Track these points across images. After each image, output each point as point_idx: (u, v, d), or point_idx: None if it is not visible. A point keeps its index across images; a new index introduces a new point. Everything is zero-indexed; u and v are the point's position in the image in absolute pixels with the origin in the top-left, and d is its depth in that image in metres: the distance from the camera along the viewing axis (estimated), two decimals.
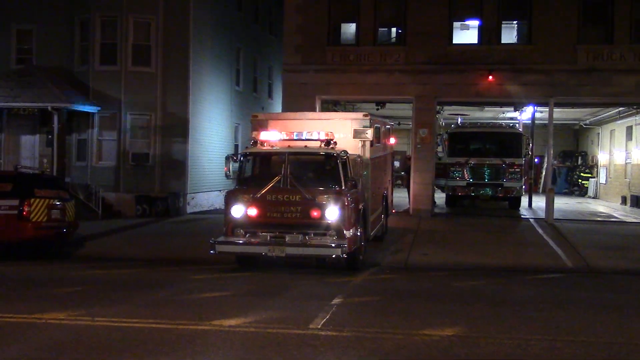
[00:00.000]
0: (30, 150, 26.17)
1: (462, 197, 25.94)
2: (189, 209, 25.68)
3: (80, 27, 25.45)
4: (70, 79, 25.29)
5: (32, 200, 15.67)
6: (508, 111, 30.14)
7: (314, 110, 23.70)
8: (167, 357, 7.54)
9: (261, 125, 15.10)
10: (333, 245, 13.00)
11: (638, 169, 27.66)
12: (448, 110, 29.32)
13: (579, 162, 36.88)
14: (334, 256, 13.12)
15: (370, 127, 15.14)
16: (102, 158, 25.28)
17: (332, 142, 14.01)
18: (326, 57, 24.07)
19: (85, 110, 24.63)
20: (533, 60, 22.76)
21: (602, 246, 17.87)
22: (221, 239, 13.72)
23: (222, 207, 27.59)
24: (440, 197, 27.37)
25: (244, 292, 11.79)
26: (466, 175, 24.67)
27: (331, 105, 26.72)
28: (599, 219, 24.39)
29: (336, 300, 10.73)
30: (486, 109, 29.38)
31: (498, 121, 29.86)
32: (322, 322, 9.15)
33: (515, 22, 24.13)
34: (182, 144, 25.28)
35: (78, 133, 25.52)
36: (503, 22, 23.54)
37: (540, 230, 20.76)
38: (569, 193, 36.30)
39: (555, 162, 37.64)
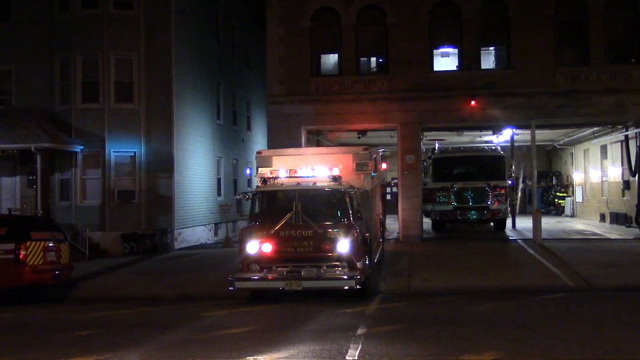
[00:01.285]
0: (10, 192, 25.69)
1: (449, 221, 26.18)
2: (177, 245, 25.39)
3: (61, 66, 25.25)
4: (51, 118, 25.03)
5: (28, 243, 15.35)
6: (485, 135, 30.68)
7: (299, 141, 23.87)
8: None
9: (265, 161, 15.74)
10: (346, 277, 13.50)
11: (615, 186, 28.34)
12: (426, 136, 29.71)
13: (554, 182, 37.60)
14: (346, 288, 13.52)
15: (370, 160, 15.87)
16: (87, 197, 24.93)
17: (338, 177, 14.55)
18: (310, 88, 24.27)
19: (69, 149, 24.29)
20: (513, 84, 23.29)
21: (596, 264, 18.18)
22: (238, 275, 13.93)
23: (209, 242, 27.92)
24: (425, 222, 27.54)
25: (265, 326, 11.71)
26: (452, 199, 24.95)
27: (313, 136, 26.88)
28: (584, 237, 24.86)
29: (360, 331, 10.71)
30: (465, 133, 29.85)
31: (480, 145, 30.34)
32: (357, 354, 9.13)
33: (494, 47, 24.73)
34: (167, 179, 25.08)
35: (61, 172, 25.14)
36: (482, 48, 24.13)
37: (531, 251, 21.04)
38: (546, 213, 36.76)
39: (530, 182, 38.36)
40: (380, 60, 24.75)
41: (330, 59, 25.12)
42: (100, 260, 22.63)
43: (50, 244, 16.37)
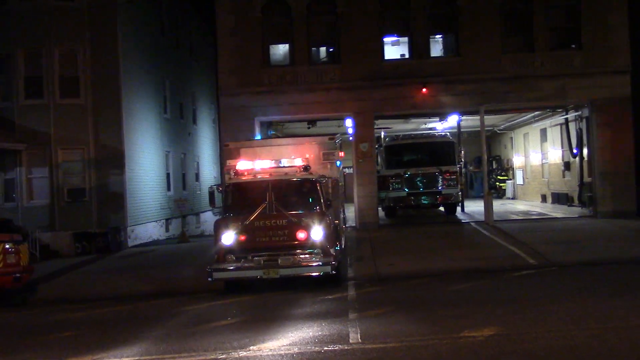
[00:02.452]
0: None
1: (403, 207, 26.64)
2: (130, 243, 24.84)
3: (0, 61, 24.16)
4: None
5: None
6: (430, 121, 31.34)
7: (253, 132, 23.74)
8: None
9: (233, 154, 15.85)
10: (322, 263, 13.83)
11: (556, 168, 29.55)
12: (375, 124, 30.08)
13: (494, 166, 38.79)
14: (322, 274, 13.85)
15: (337, 149, 16.27)
16: (34, 197, 24.09)
17: (309, 167, 14.92)
18: (262, 79, 24.17)
19: (13, 148, 23.36)
20: (463, 71, 23.89)
21: (551, 242, 18.99)
22: (214, 266, 13.91)
23: (161, 238, 27.45)
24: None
25: (253, 317, 11.68)
26: (405, 185, 25.39)
27: (266, 127, 26.80)
28: (532, 217, 25.82)
29: (352, 316, 10.89)
30: (412, 120, 30.39)
31: (430, 131, 30.94)
32: (359, 338, 9.27)
33: (443, 35, 25.24)
34: (118, 175, 24.47)
35: (4, 172, 24.15)
36: (432, 36, 24.61)
37: (486, 232, 21.70)
38: None
39: (471, 167, 39.48)
40: (332, 50, 24.89)
41: (283, 50, 25.07)
42: (53, 262, 21.88)
43: (8, 246, 15.72)
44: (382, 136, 30.34)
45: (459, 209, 28.22)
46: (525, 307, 10.77)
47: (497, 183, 37.75)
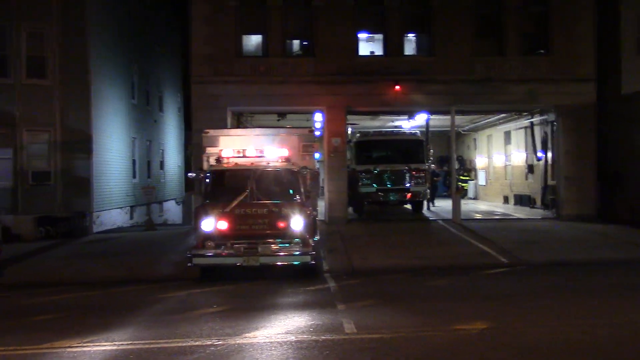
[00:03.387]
0: None
1: (370, 203, 26.81)
2: (95, 228, 24.37)
3: None
4: None
5: None
6: (398, 119, 31.62)
7: (225, 122, 23.59)
8: None
9: (212, 141, 15.91)
10: (301, 253, 13.98)
11: (519, 170, 30.22)
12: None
13: (457, 166, 39.26)
14: (300, 263, 14.04)
15: (315, 141, 16.80)
16: None
17: (289, 158, 15.29)
18: (236, 69, 24.00)
19: None
20: (435, 71, 24.18)
21: (518, 241, 19.43)
22: (194, 252, 13.97)
23: (125, 225, 27.01)
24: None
25: (240, 306, 11.59)
26: (374, 181, 25.57)
27: (235, 117, 26.63)
28: (498, 217, 26.35)
29: (341, 307, 10.98)
30: (380, 117, 30.62)
31: (400, 129, 31.19)
32: (353, 328, 9.34)
33: (417, 35, 25.48)
34: (85, 160, 23.96)
35: None
36: (406, 34, 24.83)
37: (454, 230, 22.08)
38: (448, 196, 38.48)
39: (433, 166, 39.94)
40: (307, 43, 24.87)
41: (256, 40, 24.92)
42: (15, 245, 21.21)
43: None
44: (350, 132, 30.45)
45: (424, 206, 28.60)
46: (509, 303, 11.04)
47: (459, 183, 38.19)
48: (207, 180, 14.80)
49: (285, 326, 9.58)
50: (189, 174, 15.65)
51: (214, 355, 8.08)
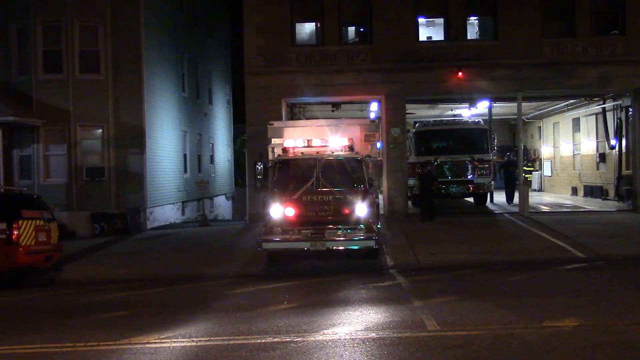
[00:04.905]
0: None
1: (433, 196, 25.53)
2: (149, 225, 23.98)
3: (18, 34, 23.31)
4: (6, 90, 23.06)
5: (20, 222, 13.81)
6: (457, 108, 30.30)
7: (279, 113, 22.83)
8: None
9: (277, 132, 16.20)
10: (364, 237, 14.38)
11: (590, 159, 28.49)
12: None
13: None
14: (359, 247, 14.64)
15: (377, 131, 17.00)
16: (51, 175, 23.23)
17: (353, 147, 15.67)
18: (290, 59, 23.18)
19: (30, 124, 22.48)
20: (500, 56, 22.84)
21: (593, 235, 18.09)
22: (263, 237, 14.50)
23: (177, 221, 26.61)
24: None
25: (311, 302, 11.08)
26: (435, 173, 24.33)
27: (288, 108, 25.86)
28: (566, 209, 24.83)
29: (417, 303, 10.36)
30: (439, 105, 29.37)
31: (461, 118, 29.87)
32: (435, 324, 8.75)
33: (480, 18, 24.12)
34: (138, 155, 23.59)
35: (20, 149, 23.27)
36: (468, 18, 23.54)
37: (523, 224, 20.78)
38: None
39: (494, 157, 38.35)
40: (364, 29, 23.83)
41: (312, 29, 24.04)
42: (71, 242, 20.98)
43: (42, 224, 14.86)
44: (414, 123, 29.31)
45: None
46: (600, 299, 10.10)
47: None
48: (274, 169, 15.15)
49: (363, 322, 9.09)
50: (257, 165, 15.62)
51: (295, 352, 7.71)
